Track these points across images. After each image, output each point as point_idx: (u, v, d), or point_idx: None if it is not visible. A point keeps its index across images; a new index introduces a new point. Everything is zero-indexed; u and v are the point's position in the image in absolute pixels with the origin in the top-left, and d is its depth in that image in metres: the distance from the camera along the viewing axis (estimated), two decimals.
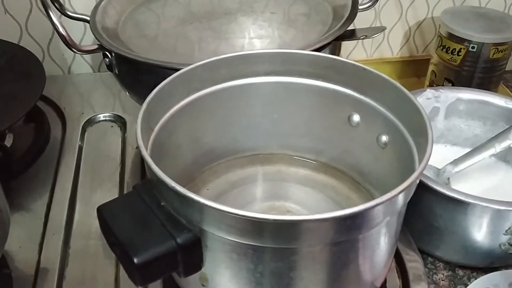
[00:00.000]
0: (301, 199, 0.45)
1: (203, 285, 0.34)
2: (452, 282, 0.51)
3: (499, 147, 0.55)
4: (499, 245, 0.49)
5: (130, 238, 0.30)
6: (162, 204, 0.32)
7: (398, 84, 0.39)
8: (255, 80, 0.43)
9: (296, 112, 0.45)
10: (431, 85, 0.71)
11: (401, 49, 0.78)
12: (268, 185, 0.47)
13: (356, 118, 0.43)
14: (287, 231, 0.30)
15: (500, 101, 0.58)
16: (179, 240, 0.31)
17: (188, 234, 0.31)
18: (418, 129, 0.36)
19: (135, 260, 0.29)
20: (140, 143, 0.32)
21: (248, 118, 0.45)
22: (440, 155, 0.60)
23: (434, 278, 0.51)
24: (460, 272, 0.52)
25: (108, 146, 0.57)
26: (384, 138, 0.41)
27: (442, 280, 0.51)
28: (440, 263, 0.53)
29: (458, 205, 0.47)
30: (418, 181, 0.35)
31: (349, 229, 0.31)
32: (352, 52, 0.77)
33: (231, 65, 0.42)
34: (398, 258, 0.47)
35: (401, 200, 0.32)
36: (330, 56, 0.42)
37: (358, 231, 0.31)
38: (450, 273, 0.52)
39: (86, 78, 0.70)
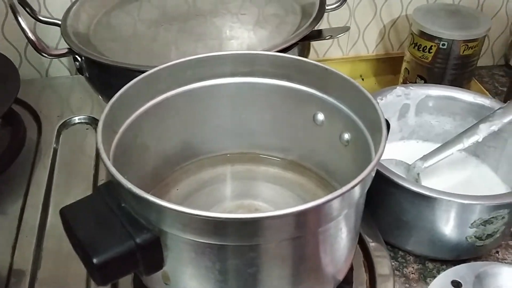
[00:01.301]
0: (269, 197, 0.46)
1: (166, 284, 0.35)
2: (422, 275, 0.52)
3: (467, 142, 0.56)
4: (466, 238, 0.50)
5: (91, 239, 0.31)
6: (122, 205, 0.33)
7: (356, 83, 0.40)
8: (220, 81, 0.44)
9: (262, 112, 0.46)
10: (404, 82, 0.72)
11: (376, 47, 0.79)
12: (238, 184, 0.47)
13: (320, 117, 0.44)
14: (243, 229, 0.30)
15: (468, 97, 0.59)
16: (138, 240, 0.31)
17: (147, 234, 0.32)
18: (375, 127, 0.37)
19: (94, 261, 0.30)
20: (100, 145, 0.33)
21: (216, 118, 0.46)
22: (412, 151, 0.61)
23: (404, 272, 0.52)
24: (430, 265, 0.53)
25: (83, 149, 0.57)
26: (346, 136, 0.42)
27: (412, 274, 0.52)
28: (411, 256, 0.54)
29: (424, 200, 0.48)
30: (373, 175, 0.36)
31: (307, 224, 0.32)
32: (329, 51, 0.78)
33: (196, 67, 0.42)
34: (366, 254, 0.47)
35: (356, 194, 0.33)
36: (292, 56, 0.42)
37: (316, 225, 0.32)
38: (420, 266, 0.53)
39: (64, 81, 0.70)
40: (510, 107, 0.55)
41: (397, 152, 0.62)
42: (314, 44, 0.77)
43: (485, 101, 0.58)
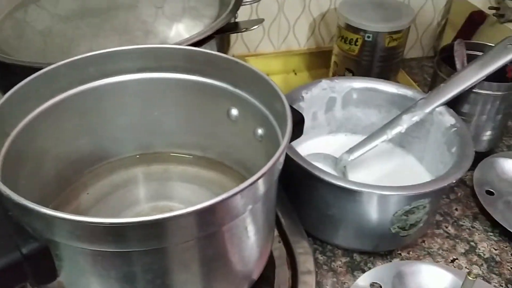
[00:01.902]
0: (186, 197, 0.44)
1: None
2: (350, 268, 0.52)
3: (391, 133, 0.56)
4: (390, 229, 0.50)
5: None
6: (9, 213, 0.30)
7: (266, 77, 0.38)
8: (127, 77, 0.41)
9: (177, 109, 0.44)
10: (334, 76, 0.72)
11: (307, 41, 0.79)
12: (153, 185, 0.45)
13: (234, 112, 0.42)
14: (140, 233, 0.28)
15: (391, 88, 0.59)
16: (24, 251, 0.29)
17: (34, 243, 0.29)
18: (284, 120, 0.36)
19: None
20: None
21: (125, 117, 0.43)
22: (340, 144, 0.61)
23: (332, 266, 0.52)
24: (358, 258, 0.53)
25: None
26: (260, 131, 0.41)
27: (340, 267, 0.52)
28: (339, 250, 0.54)
29: (346, 193, 0.48)
30: (279, 168, 0.34)
31: (210, 222, 0.30)
32: (260, 46, 0.77)
33: (99, 63, 0.40)
34: (289, 251, 0.47)
35: (260, 188, 0.32)
36: (202, 50, 0.41)
37: (221, 222, 0.31)
38: (348, 259, 0.53)
39: None
40: (431, 98, 0.56)
41: (326, 146, 0.62)
42: (245, 39, 0.76)
43: (408, 92, 0.59)
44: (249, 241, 0.34)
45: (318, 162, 0.58)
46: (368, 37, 0.65)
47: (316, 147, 0.61)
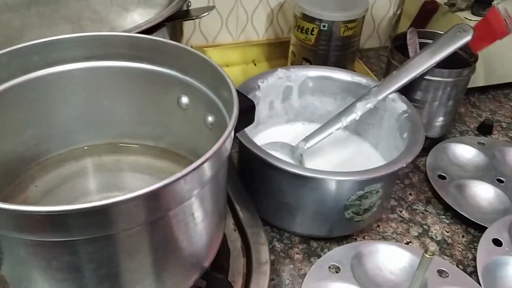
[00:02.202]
0: (137, 187, 0.43)
1: None
2: (307, 255, 0.52)
3: (346, 121, 0.57)
4: (344, 214, 0.50)
5: None
6: None
7: (214, 63, 0.38)
8: (73, 66, 0.40)
9: (126, 98, 0.43)
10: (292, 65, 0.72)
11: (266, 31, 0.79)
12: (104, 176, 0.45)
13: (184, 100, 0.42)
14: (84, 220, 0.28)
15: (346, 76, 0.60)
16: None
17: None
18: (231, 107, 0.35)
19: None
20: None
21: (74, 107, 0.42)
22: (298, 133, 0.61)
23: (289, 253, 0.52)
24: (314, 244, 0.54)
25: None
26: (210, 118, 0.40)
27: (297, 254, 0.52)
28: (296, 237, 0.54)
29: (301, 180, 0.48)
30: (226, 155, 0.34)
31: (154, 208, 0.30)
32: (218, 36, 0.77)
33: (43, 52, 0.39)
34: (244, 239, 0.47)
35: (206, 173, 0.32)
36: (149, 37, 0.40)
37: (166, 208, 0.31)
38: (304, 246, 0.53)
39: None
40: (384, 85, 0.57)
41: (284, 135, 0.62)
42: (203, 29, 0.76)
43: (362, 80, 0.60)
44: (197, 227, 0.34)
45: (275, 151, 0.58)
46: (324, 26, 0.65)
47: (274, 136, 0.62)
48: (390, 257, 0.50)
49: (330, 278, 0.47)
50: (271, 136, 0.62)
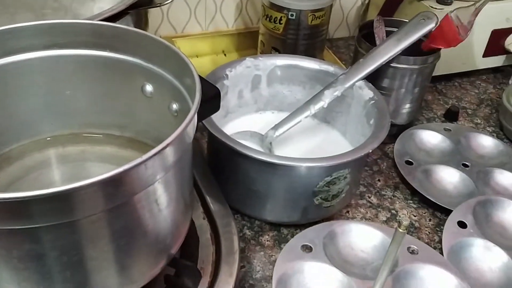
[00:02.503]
0: None
1: None
2: (277, 241, 0.53)
3: (314, 109, 0.57)
4: (313, 200, 0.51)
5: None
6: None
7: (177, 50, 0.38)
8: (33, 55, 0.40)
9: (89, 87, 0.42)
10: None
11: (235, 21, 0.79)
12: (69, 167, 0.44)
13: (149, 88, 0.41)
14: (48, 206, 0.28)
15: (314, 64, 0.61)
16: None
17: None
18: (194, 94, 0.35)
19: None
20: None
21: (35, 97, 0.41)
22: (268, 122, 0.61)
23: (260, 240, 0.53)
24: (285, 231, 0.54)
25: None
26: (174, 106, 0.40)
27: (268, 241, 0.53)
28: (266, 225, 0.54)
29: (269, 167, 0.49)
30: (188, 140, 0.34)
31: (116, 193, 0.30)
32: (187, 27, 0.76)
33: (1, 41, 0.38)
34: (213, 228, 0.47)
35: (169, 158, 0.32)
36: (110, 24, 0.40)
37: (128, 193, 0.30)
38: (275, 233, 0.54)
39: None
40: (351, 73, 0.58)
41: (254, 124, 0.62)
42: (171, 19, 0.75)
43: (329, 68, 0.60)
44: (162, 213, 0.34)
45: (245, 140, 0.58)
46: (292, 15, 0.66)
47: (244, 126, 0.62)
48: (361, 237, 0.51)
49: (303, 258, 0.47)
50: (241, 126, 0.62)
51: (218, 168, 0.54)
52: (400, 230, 0.41)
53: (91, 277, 0.32)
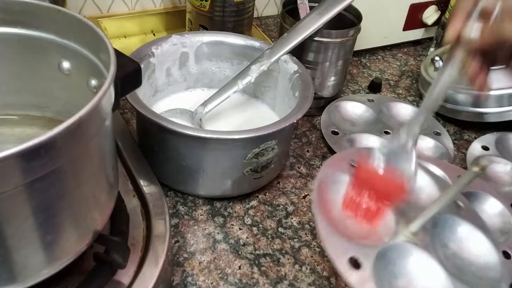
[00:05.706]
0: None
1: None
2: (210, 215, 0.54)
3: (241, 84, 0.58)
4: (243, 173, 0.52)
5: None
6: None
7: (91, 24, 0.37)
8: None
9: (3, 66, 0.41)
10: None
11: (163, 0, 0.78)
12: None
13: (66, 65, 0.40)
14: None
15: (240, 40, 0.61)
16: None
17: None
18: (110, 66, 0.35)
19: None
20: None
21: None
22: (198, 99, 0.61)
23: (193, 215, 0.53)
24: (218, 204, 0.55)
25: None
26: (93, 82, 0.39)
27: (201, 215, 0.53)
28: (200, 199, 0.55)
29: (197, 141, 0.49)
30: (103, 115, 0.34)
31: (32, 167, 0.29)
32: (112, 6, 0.74)
33: None
34: (145, 207, 0.46)
35: (83, 132, 0.32)
36: (21, 0, 0.38)
37: (43, 169, 0.29)
38: (208, 207, 0.55)
39: None
40: (276, 47, 0.59)
41: (185, 102, 0.62)
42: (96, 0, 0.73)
43: (255, 43, 0.61)
44: (80, 189, 0.33)
45: (175, 118, 0.58)
46: None
47: (174, 104, 0.62)
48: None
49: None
50: (171, 104, 0.61)
51: (148, 147, 0.54)
52: (473, 170, 0.39)
53: (11, 255, 0.31)
